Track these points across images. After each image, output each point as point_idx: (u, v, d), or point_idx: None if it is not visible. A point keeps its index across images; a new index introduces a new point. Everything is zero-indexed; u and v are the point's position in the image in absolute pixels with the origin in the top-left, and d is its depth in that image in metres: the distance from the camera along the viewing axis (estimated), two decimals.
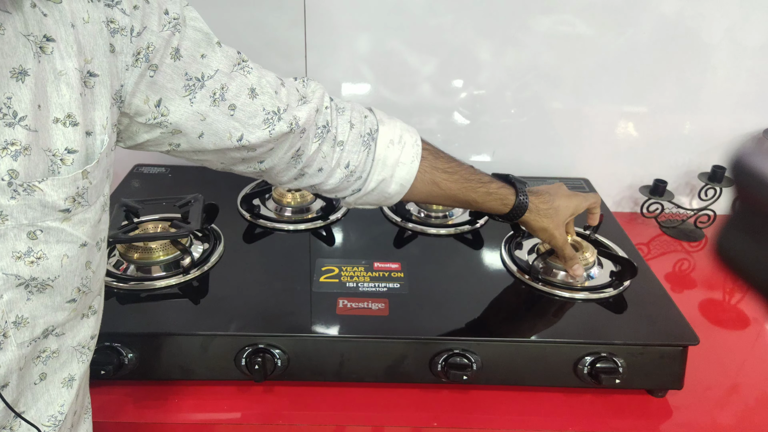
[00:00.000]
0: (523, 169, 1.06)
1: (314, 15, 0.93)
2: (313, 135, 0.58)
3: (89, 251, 0.42)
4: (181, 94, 0.47)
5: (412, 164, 0.63)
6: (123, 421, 0.63)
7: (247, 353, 0.64)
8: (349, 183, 0.62)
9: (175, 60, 0.46)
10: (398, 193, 0.63)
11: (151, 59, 0.44)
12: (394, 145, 0.62)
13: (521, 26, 0.95)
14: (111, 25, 0.41)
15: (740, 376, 0.72)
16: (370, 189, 0.62)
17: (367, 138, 0.61)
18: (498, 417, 0.65)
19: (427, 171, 0.64)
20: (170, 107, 0.47)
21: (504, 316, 0.70)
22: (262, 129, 0.53)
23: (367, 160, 0.61)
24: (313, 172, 0.60)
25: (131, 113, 0.46)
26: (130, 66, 0.43)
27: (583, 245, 0.78)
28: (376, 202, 0.65)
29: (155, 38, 0.44)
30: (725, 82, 0.98)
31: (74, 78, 0.39)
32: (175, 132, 0.49)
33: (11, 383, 0.41)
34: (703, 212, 1.02)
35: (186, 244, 0.76)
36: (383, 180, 0.62)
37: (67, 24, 0.38)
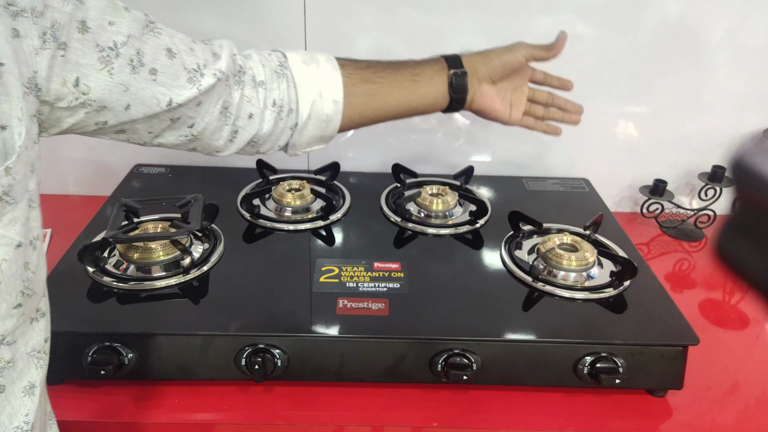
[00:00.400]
0: (523, 169, 1.06)
1: (314, 15, 0.93)
2: (234, 83, 0.57)
3: (25, 251, 0.40)
4: (98, 67, 0.45)
5: (335, 75, 0.62)
6: (123, 421, 0.63)
7: (247, 353, 0.64)
8: (284, 122, 0.61)
9: (83, 33, 0.44)
10: (336, 111, 0.63)
11: (59, 37, 0.42)
12: (309, 65, 0.62)
13: (521, 26, 0.94)
14: (11, 8, 0.38)
15: (740, 376, 0.72)
16: (305, 118, 0.61)
17: (280, 69, 0.61)
18: (498, 417, 0.65)
19: (356, 80, 0.64)
20: (90, 84, 0.45)
21: (504, 316, 0.70)
22: (189, 88, 0.52)
23: (289, 89, 0.61)
24: (245, 122, 0.59)
25: (51, 99, 0.43)
26: (39, 49, 0.40)
27: (583, 245, 0.78)
28: (319, 132, 0.64)
29: (58, 15, 0.41)
30: (725, 82, 0.98)
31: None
32: (100, 109, 0.47)
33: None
34: (703, 212, 1.02)
35: (186, 244, 0.76)
36: (314, 101, 0.61)
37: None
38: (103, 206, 0.88)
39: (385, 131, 1.04)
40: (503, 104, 0.72)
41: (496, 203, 0.94)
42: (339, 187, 0.95)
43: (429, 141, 1.05)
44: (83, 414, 0.64)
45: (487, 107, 0.71)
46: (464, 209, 0.92)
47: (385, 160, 0.99)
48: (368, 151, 1.05)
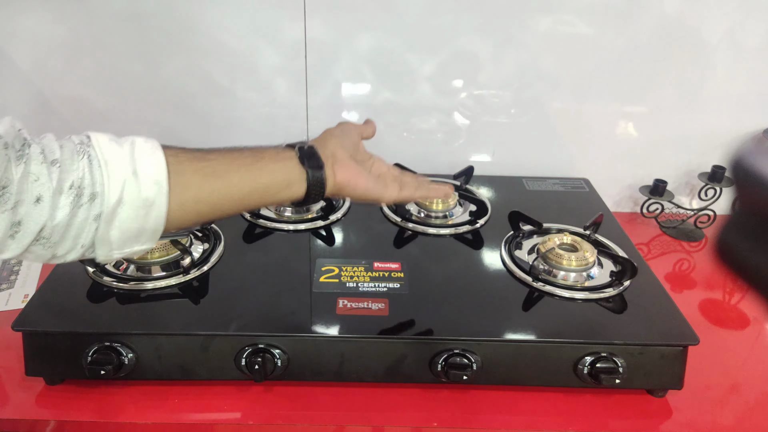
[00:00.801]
0: (523, 169, 1.06)
1: (314, 15, 0.93)
2: (14, 156, 0.45)
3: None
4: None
5: (155, 154, 0.50)
6: (123, 421, 0.63)
7: (247, 353, 0.64)
8: (85, 210, 0.48)
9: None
10: (158, 194, 0.50)
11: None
12: (120, 144, 0.50)
13: (521, 26, 0.95)
14: None
15: (740, 376, 0.72)
16: (114, 202, 0.48)
17: (82, 147, 0.49)
18: (498, 417, 0.65)
19: (183, 159, 0.52)
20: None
21: (504, 316, 0.70)
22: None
23: (92, 168, 0.48)
24: (29, 209, 0.46)
25: None
26: None
27: (583, 245, 0.78)
28: (137, 223, 0.50)
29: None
30: (725, 82, 0.98)
31: None
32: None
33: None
34: (703, 212, 1.02)
35: (186, 244, 0.76)
36: (126, 182, 0.48)
37: None
38: None
39: (385, 131, 1.04)
40: (375, 181, 0.63)
41: (496, 203, 0.94)
42: None
43: (429, 141, 1.05)
44: (83, 414, 0.64)
45: (355, 182, 0.61)
46: (464, 209, 0.92)
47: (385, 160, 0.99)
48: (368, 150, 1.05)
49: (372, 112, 1.02)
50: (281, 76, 0.99)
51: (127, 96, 1.00)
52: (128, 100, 1.00)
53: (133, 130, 0.85)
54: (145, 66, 0.97)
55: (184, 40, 0.95)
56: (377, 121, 0.86)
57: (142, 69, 0.97)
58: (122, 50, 0.96)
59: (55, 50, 0.95)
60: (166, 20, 0.93)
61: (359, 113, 1.02)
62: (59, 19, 0.93)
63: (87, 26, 0.94)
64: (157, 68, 0.97)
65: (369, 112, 1.02)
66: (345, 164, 0.61)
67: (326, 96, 1.00)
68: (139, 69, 0.97)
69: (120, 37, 0.95)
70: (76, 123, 1.01)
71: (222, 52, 0.97)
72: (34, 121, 1.00)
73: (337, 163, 0.60)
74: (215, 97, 1.00)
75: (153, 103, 1.00)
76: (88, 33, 0.94)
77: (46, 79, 0.98)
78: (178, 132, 1.03)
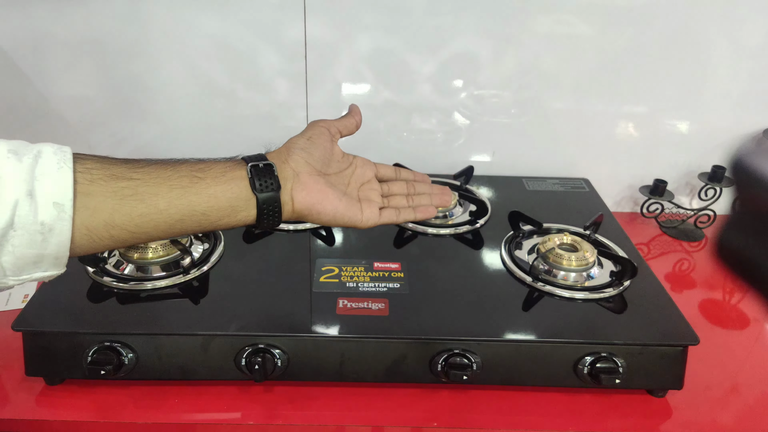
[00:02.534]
0: (523, 169, 1.06)
1: (314, 15, 0.93)
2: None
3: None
4: None
5: (61, 172, 0.44)
6: (123, 421, 0.63)
7: (247, 353, 0.64)
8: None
9: None
10: (59, 219, 0.44)
11: None
12: (19, 156, 0.43)
13: (521, 26, 0.95)
14: None
15: (740, 376, 0.72)
16: (3, 225, 0.42)
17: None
18: (498, 417, 0.65)
19: (98, 176, 0.46)
20: None
21: (504, 316, 0.70)
22: None
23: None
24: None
25: None
26: None
27: (583, 245, 0.78)
28: (34, 249, 0.44)
29: None
30: (725, 82, 0.98)
31: None
32: None
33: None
34: (703, 212, 1.02)
35: (186, 244, 0.76)
36: (17, 204, 0.42)
37: None
38: None
39: (385, 131, 1.04)
40: (347, 204, 0.55)
41: (496, 203, 0.94)
42: None
43: (429, 141, 1.05)
44: (83, 414, 0.64)
45: (320, 208, 0.53)
46: (464, 209, 0.92)
47: (385, 160, 0.99)
48: (368, 151, 1.05)
49: (372, 112, 1.02)
50: (281, 76, 0.99)
51: (127, 96, 1.00)
52: (128, 100, 1.00)
53: (133, 130, 0.86)
54: (145, 66, 0.97)
55: (184, 40, 0.95)
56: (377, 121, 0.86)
57: (141, 69, 0.97)
58: (122, 50, 0.96)
59: (56, 50, 0.95)
60: (165, 20, 0.93)
61: None
62: (59, 19, 0.93)
63: (87, 26, 0.94)
64: (157, 68, 0.97)
65: (369, 112, 1.02)
66: (308, 185, 0.52)
67: (326, 96, 1.00)
68: (139, 69, 0.97)
69: (120, 37, 0.95)
70: (76, 123, 1.01)
71: (222, 52, 0.97)
72: (34, 121, 1.00)
73: (298, 184, 0.52)
74: (215, 97, 1.00)
75: (153, 102, 1.00)
76: (88, 33, 0.94)
77: (46, 79, 0.98)
78: (178, 132, 1.03)
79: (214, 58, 0.97)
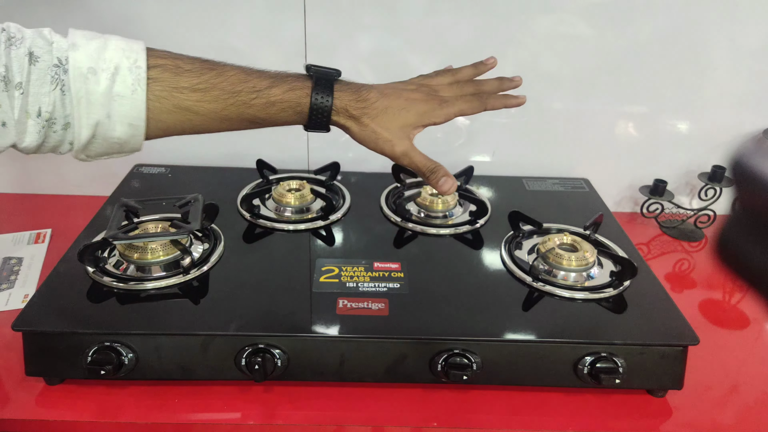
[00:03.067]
0: (523, 169, 1.06)
1: (314, 15, 0.93)
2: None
3: None
4: None
5: (135, 95, 0.48)
6: (123, 421, 0.63)
7: (247, 353, 0.64)
8: (58, 135, 0.48)
9: None
10: (133, 135, 0.50)
11: None
12: (98, 75, 0.47)
13: (521, 26, 0.95)
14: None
15: (740, 376, 0.72)
16: (86, 138, 0.48)
17: (55, 70, 0.47)
18: (498, 417, 0.65)
19: (167, 97, 0.50)
20: None
21: (504, 316, 0.70)
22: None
23: (64, 100, 0.47)
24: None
25: None
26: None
27: (583, 245, 0.78)
28: (112, 150, 0.51)
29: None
30: (725, 82, 0.98)
31: None
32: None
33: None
34: (703, 212, 1.02)
35: (186, 244, 0.76)
36: (99, 123, 0.48)
37: None
38: (103, 206, 0.88)
39: None
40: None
41: (496, 203, 0.94)
42: (339, 187, 0.95)
43: (429, 141, 1.05)
44: (83, 414, 0.64)
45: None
46: (464, 209, 0.92)
47: (385, 160, 0.99)
48: (368, 151, 1.05)
49: None
50: None
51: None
52: None
53: None
54: None
55: (184, 40, 0.95)
56: None
57: None
58: None
59: None
60: (166, 20, 0.93)
61: None
62: (59, 19, 0.93)
63: (87, 26, 0.94)
64: None
65: None
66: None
67: None
68: None
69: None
70: None
71: (222, 52, 0.96)
72: None
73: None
74: None
75: None
76: None
77: None
78: None
79: (214, 58, 0.97)
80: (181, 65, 0.52)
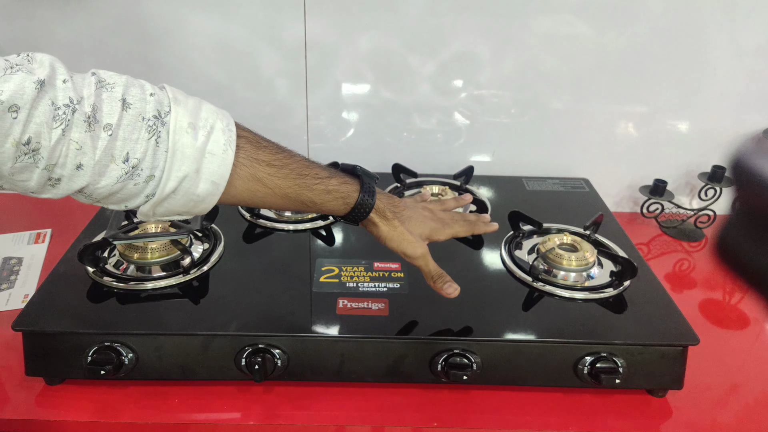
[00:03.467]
0: (523, 169, 1.06)
1: (314, 15, 0.93)
2: (51, 117, 0.42)
3: None
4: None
5: (225, 154, 0.50)
6: (123, 421, 0.63)
7: (247, 353, 0.64)
8: (138, 187, 0.48)
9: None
10: (211, 194, 0.51)
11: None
12: (197, 131, 0.49)
13: (521, 26, 0.95)
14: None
15: (740, 376, 0.72)
16: (169, 191, 0.49)
17: (154, 121, 0.47)
18: (498, 417, 0.65)
19: (246, 164, 0.52)
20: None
21: (504, 316, 0.70)
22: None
23: (157, 151, 0.47)
24: (70, 172, 0.45)
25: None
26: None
27: (583, 245, 0.78)
28: (184, 208, 0.52)
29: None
30: (725, 82, 0.98)
31: None
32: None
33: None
34: (703, 212, 1.02)
35: (186, 244, 0.76)
36: (186, 177, 0.49)
37: None
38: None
39: (385, 131, 1.04)
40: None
41: (496, 203, 0.94)
42: None
43: (429, 141, 1.05)
44: (83, 414, 0.64)
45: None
46: (464, 209, 0.91)
47: (385, 160, 0.99)
48: (368, 152, 1.05)
49: (372, 112, 1.02)
50: (281, 76, 0.99)
51: None
52: None
53: None
54: (146, 66, 0.97)
55: (184, 40, 0.95)
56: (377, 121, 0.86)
57: (142, 69, 0.97)
58: (122, 50, 0.96)
59: (56, 50, 0.95)
60: (166, 20, 0.93)
61: (359, 113, 1.02)
62: (59, 19, 0.93)
63: (87, 26, 0.94)
64: (157, 68, 0.97)
65: (369, 112, 1.02)
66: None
67: (326, 96, 1.00)
68: (139, 69, 0.97)
69: (120, 37, 0.95)
70: None
71: (222, 52, 0.97)
72: None
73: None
74: (215, 97, 0.99)
75: None
76: (88, 33, 0.94)
77: None
78: None
79: (214, 58, 0.97)
80: (260, 141, 0.55)
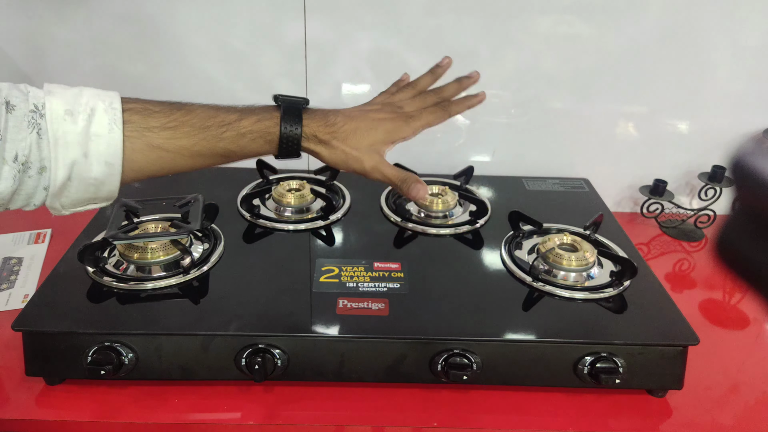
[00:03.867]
0: (523, 169, 1.06)
1: (314, 15, 0.93)
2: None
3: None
4: None
5: (112, 133, 0.50)
6: (123, 421, 0.63)
7: (247, 353, 0.64)
8: (33, 180, 0.49)
9: None
10: (110, 174, 0.51)
11: None
12: (75, 116, 0.49)
13: (521, 26, 0.95)
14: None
15: (740, 376, 0.72)
16: (63, 179, 0.49)
17: (32, 115, 0.48)
18: (498, 417, 0.65)
19: (137, 137, 0.52)
20: None
21: (504, 316, 0.70)
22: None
23: (41, 143, 0.48)
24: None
25: None
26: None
27: (583, 245, 0.78)
28: (88, 194, 0.52)
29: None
30: (725, 82, 0.98)
31: None
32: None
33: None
34: (703, 212, 1.02)
35: (186, 244, 0.76)
36: (75, 162, 0.49)
37: None
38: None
39: None
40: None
41: (496, 203, 0.94)
42: (339, 187, 0.95)
43: (429, 141, 1.05)
44: (83, 414, 0.64)
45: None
46: (464, 209, 0.92)
47: None
48: None
49: None
50: (281, 76, 0.99)
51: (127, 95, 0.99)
52: None
53: None
54: (145, 66, 0.97)
55: (184, 40, 0.95)
56: None
57: (142, 69, 0.97)
58: (122, 50, 0.96)
59: (56, 50, 0.95)
60: (166, 20, 0.93)
61: None
62: (59, 19, 0.93)
63: (87, 26, 0.94)
64: (157, 68, 0.97)
65: None
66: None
67: (326, 96, 1.00)
68: (139, 69, 0.97)
69: (120, 37, 0.95)
70: None
71: (222, 52, 0.97)
72: None
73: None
74: (215, 97, 1.00)
75: None
76: (88, 33, 0.94)
77: (46, 79, 0.97)
78: None
79: (214, 58, 0.97)
80: (150, 107, 0.54)
